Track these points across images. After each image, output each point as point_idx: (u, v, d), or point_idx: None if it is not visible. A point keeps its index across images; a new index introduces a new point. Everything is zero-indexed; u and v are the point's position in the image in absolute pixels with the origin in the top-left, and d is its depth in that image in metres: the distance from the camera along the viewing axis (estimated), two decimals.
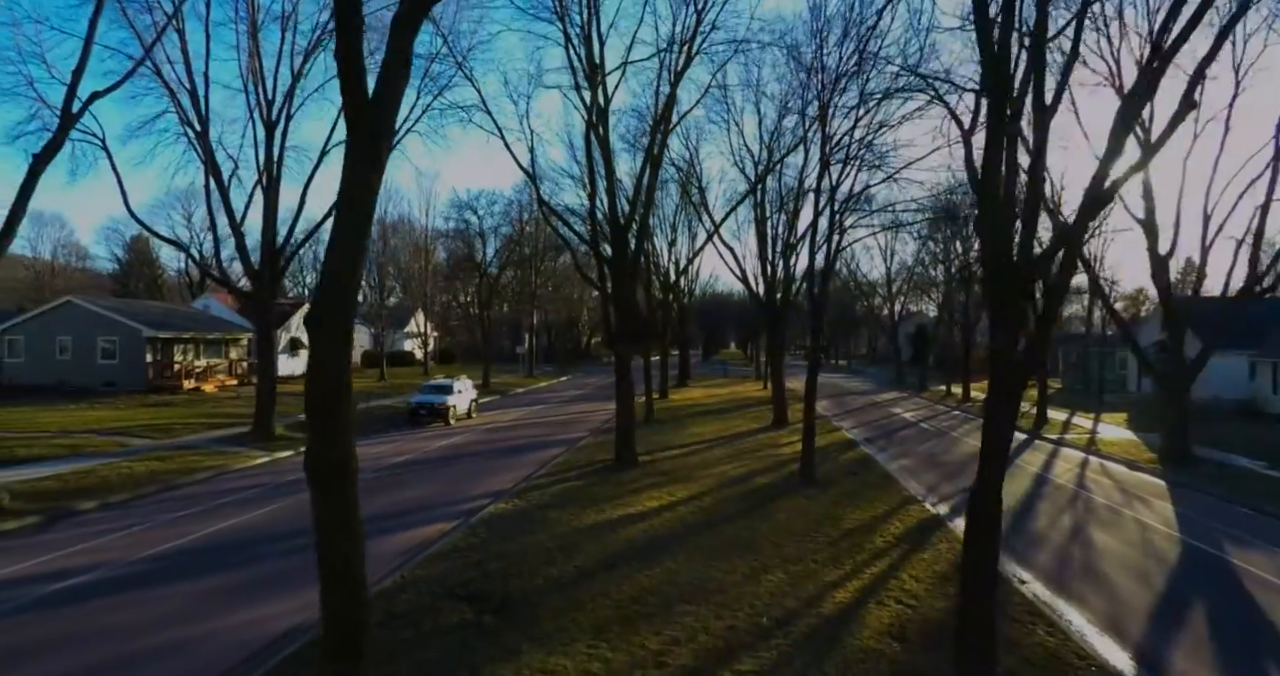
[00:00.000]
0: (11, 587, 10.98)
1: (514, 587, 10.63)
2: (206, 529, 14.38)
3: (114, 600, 10.57)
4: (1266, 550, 14.11)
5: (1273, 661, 9.36)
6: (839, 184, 18.55)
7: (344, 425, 6.07)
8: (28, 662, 8.53)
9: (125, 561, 12.30)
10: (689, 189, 35.55)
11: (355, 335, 31.16)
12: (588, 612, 9.74)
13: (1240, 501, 18.18)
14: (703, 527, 14.34)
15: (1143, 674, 8.75)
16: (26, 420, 26.66)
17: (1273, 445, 25.67)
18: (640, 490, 17.57)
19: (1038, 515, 16.71)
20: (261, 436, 24.06)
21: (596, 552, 12.53)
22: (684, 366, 58.02)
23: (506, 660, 8.25)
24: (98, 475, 18.25)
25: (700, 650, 8.69)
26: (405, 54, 5.89)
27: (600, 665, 8.19)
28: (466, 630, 9.10)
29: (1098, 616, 10.52)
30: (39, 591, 10.83)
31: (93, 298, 39.59)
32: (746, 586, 10.90)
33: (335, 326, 5.90)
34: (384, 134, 5.95)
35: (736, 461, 22.16)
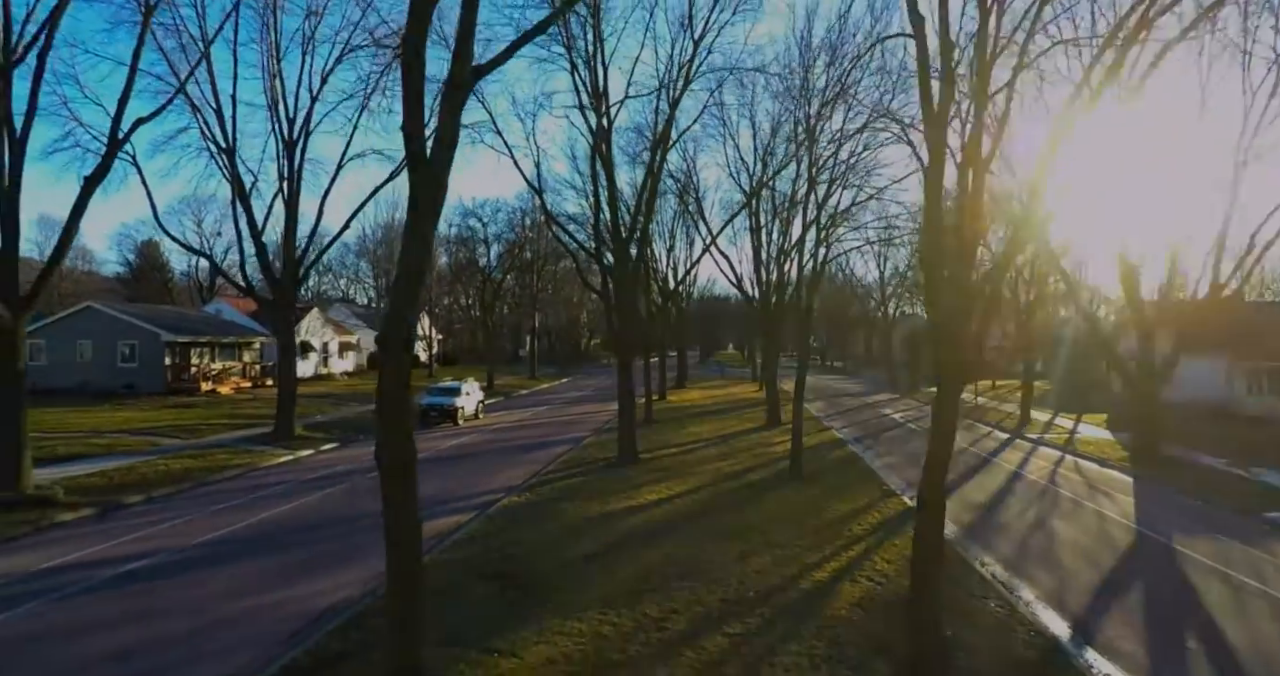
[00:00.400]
0: (84, 570, 12.40)
1: (532, 567, 12.07)
2: (247, 520, 15.79)
3: (178, 579, 11.99)
4: (1209, 537, 15.56)
5: (1191, 628, 10.80)
6: (824, 202, 19.98)
7: (406, 425, 7.53)
8: (116, 630, 9.94)
9: (180, 547, 13.71)
10: (686, 199, 37.00)
11: (359, 338, 33.24)
12: (597, 587, 11.19)
13: (1196, 495, 19.63)
14: (698, 517, 15.79)
15: (1075, 638, 10.18)
16: (58, 421, 28.02)
17: (1236, 444, 27.10)
18: (641, 484, 19.02)
19: (1006, 507, 18.17)
20: (283, 436, 25.47)
21: (603, 539, 13.97)
22: (682, 368, 59.48)
23: (530, 624, 9.69)
24: (138, 472, 19.66)
25: (695, 617, 10.13)
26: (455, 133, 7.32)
27: (610, 628, 9.63)
28: (494, 601, 10.53)
29: (1045, 592, 11.97)
30: (109, 572, 12.25)
31: (112, 303, 40.98)
32: (736, 566, 12.35)
33: (398, 349, 7.35)
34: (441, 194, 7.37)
35: (731, 459, 23.62)
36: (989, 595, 11.55)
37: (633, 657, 8.81)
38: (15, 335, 16.24)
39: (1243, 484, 21.00)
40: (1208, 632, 10.59)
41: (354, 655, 8.79)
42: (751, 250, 34.12)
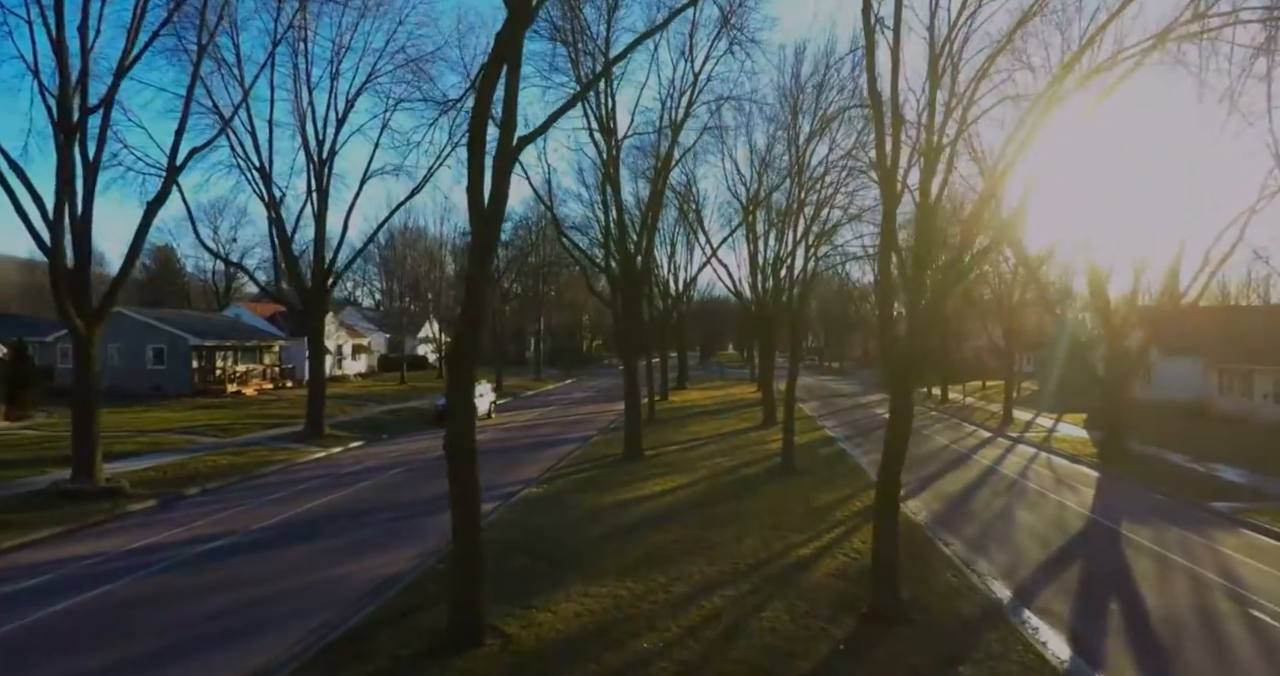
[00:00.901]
0: (166, 550, 14.35)
1: (556, 546, 14.03)
2: (296, 510, 17.74)
3: (250, 557, 13.94)
4: (1154, 524, 17.52)
5: (1115, 594, 12.74)
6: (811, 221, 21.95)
7: (471, 424, 9.48)
8: (215, 594, 11.87)
9: (244, 531, 15.68)
10: (686, 209, 38.91)
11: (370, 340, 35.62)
12: (612, 561, 13.15)
13: (1153, 488, 21.58)
14: (699, 506, 17.76)
15: (1015, 602, 12.13)
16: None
17: (1205, 442, 29.05)
18: (647, 478, 21.00)
19: (976, 498, 20.14)
20: (314, 434, 27.43)
21: (615, 523, 15.95)
22: (682, 370, 61.46)
23: (559, 589, 11.64)
24: (189, 467, 21.61)
25: (697, 583, 12.09)
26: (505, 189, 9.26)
27: (625, 591, 11.59)
28: (527, 572, 12.49)
29: (997, 567, 13.93)
30: (190, 552, 14.20)
31: (139, 309, 42.92)
32: (732, 545, 14.31)
33: (465, 365, 9.32)
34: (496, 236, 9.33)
35: (728, 455, 25.59)
36: (948, 568, 13.51)
37: (645, 612, 10.77)
38: (91, 344, 18.21)
39: (1198, 477, 22.94)
40: (1128, 598, 12.54)
41: (418, 610, 10.75)
42: (748, 258, 36.03)
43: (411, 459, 24.61)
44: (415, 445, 27.65)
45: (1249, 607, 12.09)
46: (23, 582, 12.30)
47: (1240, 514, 18.44)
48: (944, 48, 10.90)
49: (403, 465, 23.58)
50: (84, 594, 11.76)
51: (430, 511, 17.36)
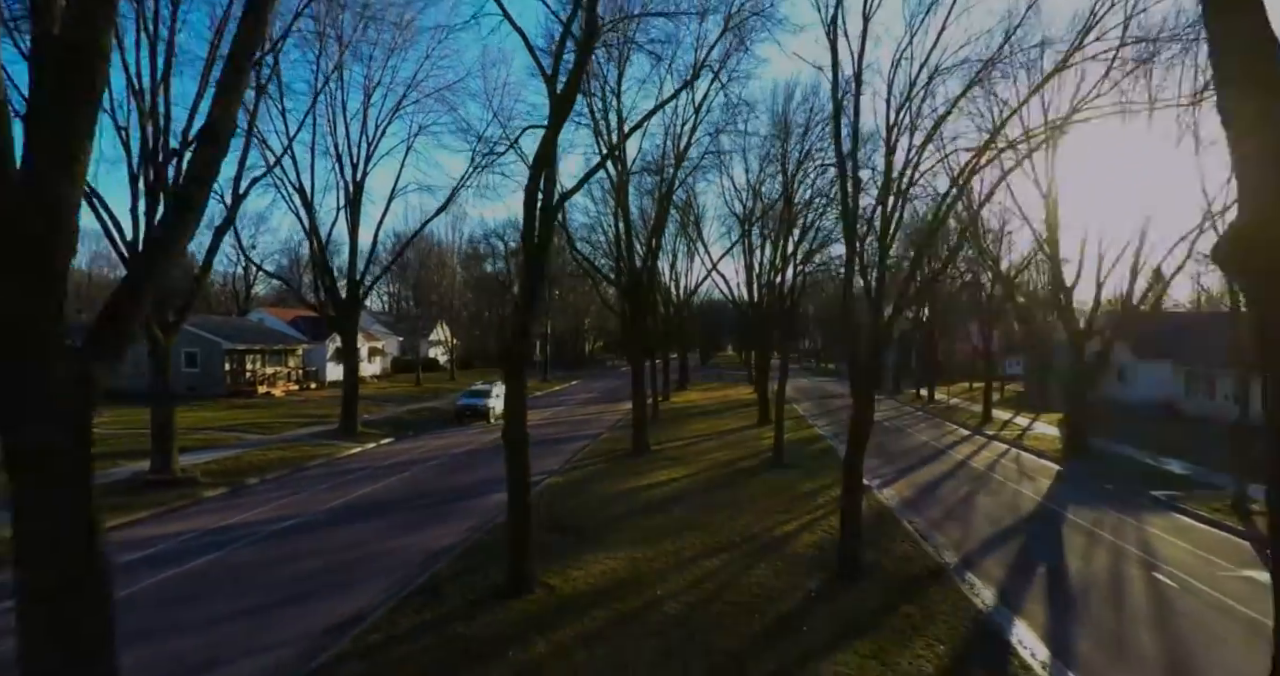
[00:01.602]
0: (246, 528, 16.95)
1: (580, 524, 16.68)
2: (349, 496, 20.36)
3: (319, 533, 16.55)
4: (1096, 508, 20.14)
5: (1045, 562, 15.36)
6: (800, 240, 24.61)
7: (522, 416, 12.12)
8: (297, 561, 14.48)
9: (310, 513, 18.31)
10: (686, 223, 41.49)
11: (384, 343, 38.91)
12: (628, 535, 15.80)
13: (1104, 479, 24.21)
14: (699, 492, 20.42)
15: (959, 566, 14.76)
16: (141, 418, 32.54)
17: (1163, 439, 31.63)
18: (653, 469, 23.66)
19: (943, 487, 22.77)
20: (348, 431, 30.06)
21: (629, 506, 18.60)
22: (683, 372, 64.11)
23: (587, 554, 14.28)
24: (245, 460, 24.25)
25: (697, 550, 14.73)
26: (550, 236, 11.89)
27: (640, 556, 14.24)
28: (559, 543, 15.10)
29: (950, 540, 16.56)
30: (267, 529, 16.81)
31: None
32: (727, 523, 16.95)
33: (519, 365, 11.97)
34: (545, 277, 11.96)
35: (725, 450, 28.25)
36: (906, 540, 16.16)
37: (656, 570, 13.42)
38: (168, 354, 20.85)
39: (1147, 470, 25.58)
40: (1055, 564, 15.18)
41: (473, 571, 13.37)
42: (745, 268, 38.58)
43: (440, 454, 27.24)
44: (440, 442, 30.28)
45: (1154, 572, 14.75)
46: (139, 553, 14.92)
47: (1174, 500, 21.09)
48: (898, 117, 13.55)
49: (434, 459, 26.20)
50: (195, 560, 14.40)
51: (466, 497, 20.05)
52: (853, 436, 13.76)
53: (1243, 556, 15.96)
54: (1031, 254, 33.70)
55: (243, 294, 68.86)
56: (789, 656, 10.07)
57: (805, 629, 11.04)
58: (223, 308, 66.80)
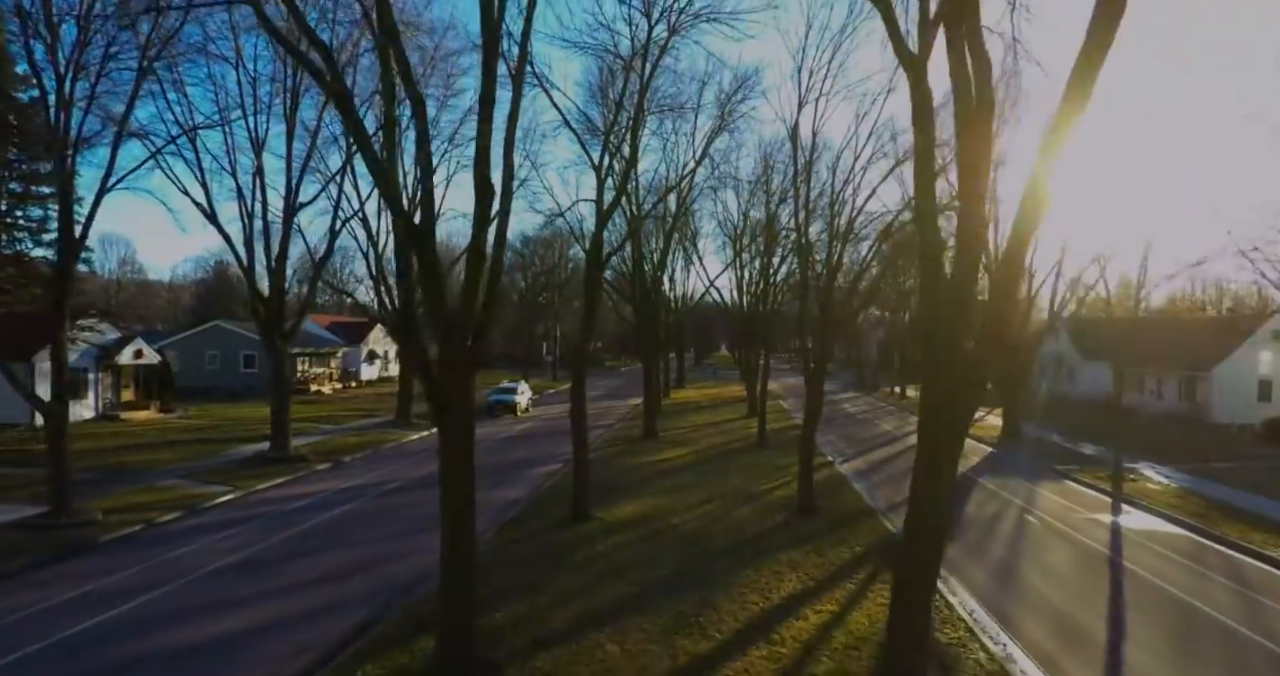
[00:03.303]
0: (362, 489, 22.75)
1: (611, 484, 22.59)
2: (427, 469, 26.09)
3: (420, 492, 22.29)
4: (1005, 477, 26.11)
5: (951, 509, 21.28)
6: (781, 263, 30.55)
7: (583, 402, 18.00)
8: (410, 509, 20.28)
9: (404, 479, 24.15)
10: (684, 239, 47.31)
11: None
12: (649, 490, 21.74)
13: (1023, 458, 30.20)
14: (699, 465, 26.37)
15: (885, 510, 20.65)
16: (226, 413, 38.37)
17: (1088, 427, 37.62)
18: (661, 449, 29.61)
19: (891, 464, 28.71)
20: (404, 422, 35.88)
21: (646, 473, 24.54)
22: (680, 372, 70.05)
23: (619, 502, 20.19)
24: (331, 444, 30.05)
25: (699, 499, 20.68)
26: (597, 298, 17.70)
27: (658, 502, 20.18)
28: (601, 496, 20.98)
29: (884, 496, 22.47)
30: (378, 490, 22.63)
31: (234, 322, 51.20)
32: (720, 484, 22.90)
33: (582, 368, 17.85)
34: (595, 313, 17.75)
35: (719, 436, 34.21)
36: (851, 494, 22.13)
37: (671, 509, 19.36)
38: (284, 358, 26.69)
39: (1062, 450, 31.64)
40: (957, 509, 21.09)
41: (544, 511, 19.25)
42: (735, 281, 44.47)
43: (484, 440, 32.93)
44: (480, 431, 35.99)
45: (1026, 515, 20.74)
46: (300, 502, 20.75)
47: (1071, 472, 27.09)
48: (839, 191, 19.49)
49: (481, 443, 31.96)
50: (342, 507, 20.25)
51: (517, 469, 25.90)
52: (807, 415, 19.74)
53: (1098, 507, 21.99)
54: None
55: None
56: (759, 550, 16.01)
57: (772, 539, 17.00)
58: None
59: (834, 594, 13.54)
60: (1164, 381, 43.81)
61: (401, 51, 9.44)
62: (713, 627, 11.77)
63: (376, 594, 13.65)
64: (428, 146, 10.10)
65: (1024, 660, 11.12)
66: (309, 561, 15.56)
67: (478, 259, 10.26)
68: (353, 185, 34.06)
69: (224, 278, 74.43)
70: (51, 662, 10.61)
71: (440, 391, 9.92)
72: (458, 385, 10.08)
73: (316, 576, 14.64)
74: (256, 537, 17.22)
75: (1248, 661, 11.42)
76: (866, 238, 24.23)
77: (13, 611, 12.47)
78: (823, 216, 21.98)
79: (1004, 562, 16.39)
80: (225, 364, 48.09)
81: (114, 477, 22.59)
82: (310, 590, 13.89)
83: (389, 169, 10.58)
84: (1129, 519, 20.66)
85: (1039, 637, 12.09)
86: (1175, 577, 15.36)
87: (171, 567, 15.04)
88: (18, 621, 12.09)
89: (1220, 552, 17.39)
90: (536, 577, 14.15)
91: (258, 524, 18.47)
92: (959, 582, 14.65)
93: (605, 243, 17.91)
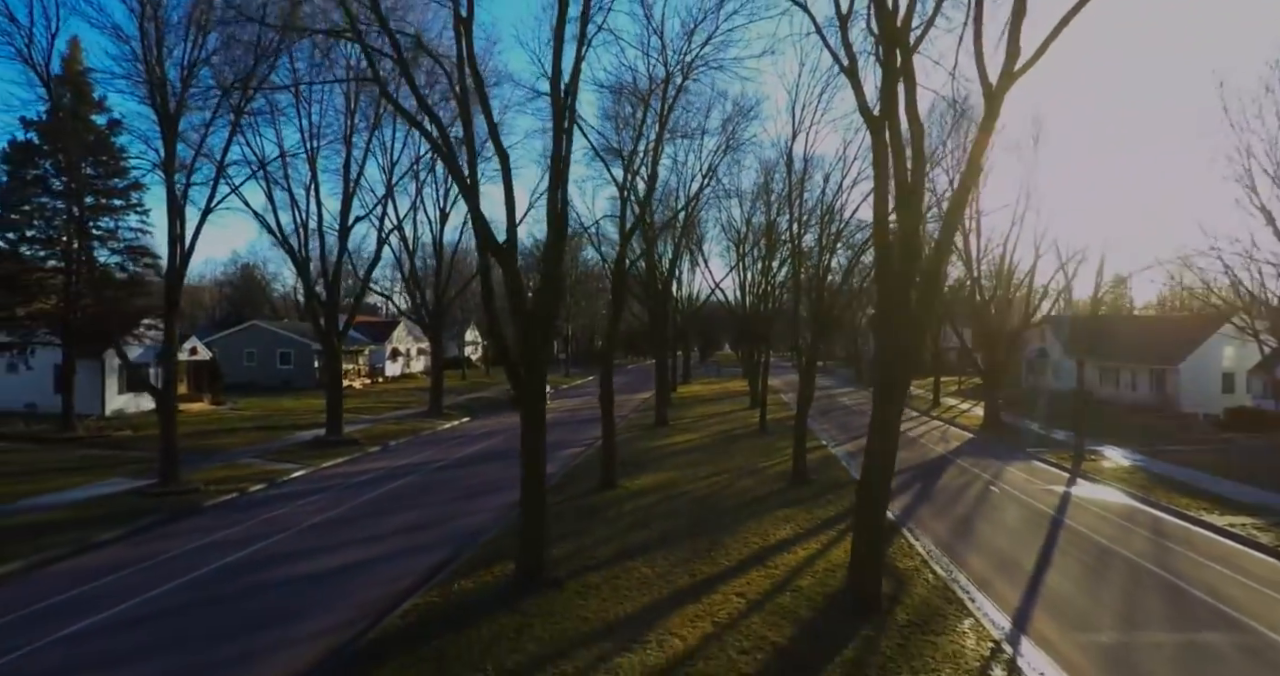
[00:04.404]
0: (413, 467, 26.06)
1: (632, 461, 25.88)
2: (465, 451, 29.52)
3: (466, 468, 25.70)
4: (981, 458, 29.31)
5: (925, 482, 24.51)
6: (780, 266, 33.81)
7: (610, 390, 21.26)
8: (463, 481, 23.63)
9: (449, 459, 27.47)
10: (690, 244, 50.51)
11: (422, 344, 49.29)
12: (665, 466, 25.04)
13: (1000, 442, 33.41)
14: (707, 447, 29.66)
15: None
16: (270, 405, 41.71)
17: (1063, 417, 40.68)
18: (672, 434, 32.92)
19: None
20: (436, 412, 39.21)
21: (661, 453, 27.85)
22: (686, 368, 73.33)
23: (641, 474, 23.49)
24: (377, 431, 33.38)
25: (709, 473, 23.97)
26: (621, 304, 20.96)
27: (673, 474, 23.47)
28: (625, 470, 24.31)
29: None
30: (429, 467, 25.95)
31: (271, 321, 54.62)
32: (726, 461, 26.19)
33: (609, 362, 21.10)
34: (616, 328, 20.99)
35: (724, 424, 37.49)
36: (840, 469, 25.38)
37: (684, 479, 22.67)
38: (339, 354, 30.03)
39: (1036, 436, 34.83)
40: (932, 482, 24.38)
41: (575, 482, 22.56)
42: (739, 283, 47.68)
43: (511, 428, 36.18)
44: (506, 421, 39.39)
45: (991, 486, 23.98)
46: (364, 477, 24.06)
47: (1040, 454, 30.29)
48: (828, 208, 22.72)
49: (507, 431, 35.26)
50: (402, 479, 23.58)
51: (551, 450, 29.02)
52: (800, 400, 23.01)
53: (1056, 480, 25.19)
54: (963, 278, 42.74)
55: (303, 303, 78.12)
56: (759, 509, 19.29)
57: (770, 501, 20.28)
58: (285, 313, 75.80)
59: (819, 538, 16.82)
60: (1137, 374, 46.95)
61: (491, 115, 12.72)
62: (722, 558, 15.06)
63: (448, 540, 16.92)
64: (512, 193, 13.29)
65: (964, 581, 14.35)
66: (386, 519, 18.86)
67: (553, 276, 13.51)
68: (393, 204, 37.62)
69: (250, 279, 77.94)
70: (223, 580, 13.96)
71: (521, 377, 13.11)
72: (534, 372, 13.28)
73: (395, 529, 17.94)
74: (336, 502, 20.56)
75: (1140, 582, 14.64)
76: (855, 245, 27.53)
77: (165, 552, 15.80)
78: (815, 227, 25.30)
79: (963, 519, 19.63)
80: (262, 360, 51.49)
81: (197, 457, 25.94)
82: (394, 538, 17.18)
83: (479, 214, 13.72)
84: (1080, 489, 23.87)
85: (979, 567, 15.34)
86: (1104, 530, 18.58)
87: (274, 524, 18.37)
88: (175, 557, 15.44)
89: (1149, 513, 20.62)
90: (579, 527, 17.46)
91: (333, 493, 21.80)
92: (922, 532, 17.93)
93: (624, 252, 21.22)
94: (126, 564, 14.98)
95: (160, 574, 14.30)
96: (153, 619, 12.12)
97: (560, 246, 13.21)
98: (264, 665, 10.35)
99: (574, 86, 13.70)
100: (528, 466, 13.53)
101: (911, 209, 12.12)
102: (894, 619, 11.94)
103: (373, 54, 12.97)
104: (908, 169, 12.47)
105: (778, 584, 13.56)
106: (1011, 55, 10.34)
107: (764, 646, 10.73)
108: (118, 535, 17.00)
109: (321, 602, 12.87)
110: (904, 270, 12.26)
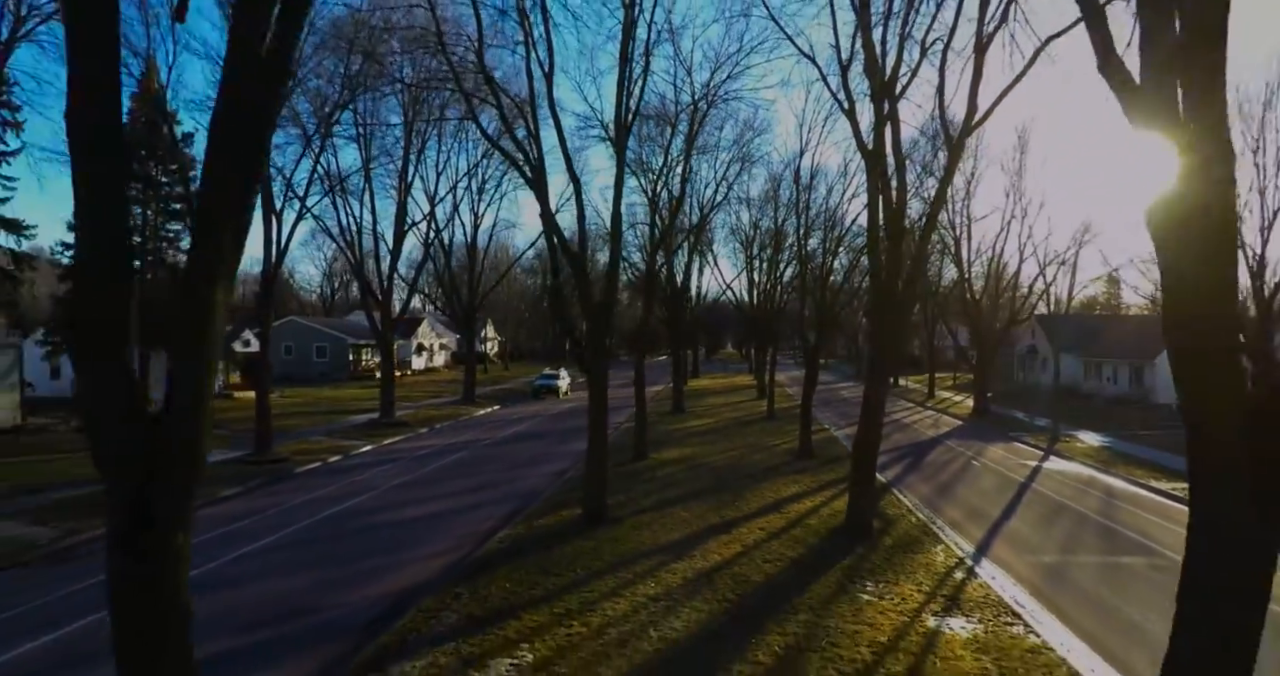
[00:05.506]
0: (463, 445, 29.45)
1: (656, 440, 29.30)
2: (503, 433, 32.92)
3: (510, 446, 29.09)
4: (967, 441, 32.71)
5: (914, 458, 27.89)
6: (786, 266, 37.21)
7: (642, 377, 24.64)
8: (508, 456, 27.03)
9: (493, 439, 30.88)
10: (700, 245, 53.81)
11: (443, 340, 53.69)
12: (685, 444, 28.46)
13: (986, 427, 36.79)
14: (720, 430, 33.08)
15: None
16: (314, 395, 45.12)
17: (1047, 407, 44.09)
18: (688, 420, 36.36)
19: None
20: (469, 401, 42.62)
21: (681, 435, 31.28)
22: (695, 363, 76.76)
23: (666, 448, 26.90)
24: (421, 415, 36.80)
25: (724, 450, 27.38)
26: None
27: (694, 450, 26.90)
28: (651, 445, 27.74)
29: None
30: (476, 445, 29.34)
31: (306, 317, 58.05)
32: (739, 442, 29.61)
33: (642, 353, 24.47)
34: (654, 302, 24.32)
35: (735, 412, 40.92)
36: (840, 447, 28.74)
37: (703, 454, 26.09)
38: (390, 346, 33.45)
39: (1019, 423, 38.22)
40: (920, 458, 27.77)
41: (611, 455, 25.92)
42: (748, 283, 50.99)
43: (539, 414, 39.81)
44: (532, 408, 42.88)
45: (974, 461, 27.38)
46: (419, 453, 27.47)
47: (1021, 437, 33.68)
48: (832, 214, 26.11)
49: (537, 416, 38.76)
50: (454, 455, 26.97)
51: (574, 434, 32.35)
52: (806, 384, 26.44)
53: (1031, 457, 28.59)
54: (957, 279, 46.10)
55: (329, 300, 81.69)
56: (770, 475, 22.69)
57: (780, 470, 23.69)
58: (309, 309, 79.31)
59: (822, 494, 20.26)
60: (1118, 369, 50.28)
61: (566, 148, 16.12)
62: (744, 506, 18.49)
63: (513, 497, 20.27)
64: (583, 222, 16.65)
65: (940, 522, 17.76)
66: (455, 482, 22.26)
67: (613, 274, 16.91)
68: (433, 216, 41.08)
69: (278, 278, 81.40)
70: (341, 521, 17.38)
71: (588, 359, 16.51)
72: (597, 355, 16.68)
73: (465, 489, 21.33)
74: (407, 470, 23.97)
75: (1085, 527, 18.03)
76: (855, 248, 30.91)
77: (276, 506, 19.16)
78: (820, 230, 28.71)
79: (945, 484, 23.05)
80: (299, 354, 54.92)
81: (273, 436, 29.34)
82: (466, 496, 20.56)
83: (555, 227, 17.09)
84: (1050, 463, 27.26)
85: (954, 515, 18.74)
86: (1064, 492, 21.97)
87: (360, 485, 21.77)
88: (287, 510, 18.79)
89: (1105, 481, 24.01)
90: (624, 486, 20.86)
91: (402, 463, 25.21)
92: (909, 492, 21.35)
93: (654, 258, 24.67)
94: (255, 512, 18.36)
95: (288, 517, 17.69)
96: (301, 543, 15.53)
97: (618, 248, 16.59)
98: (404, 571, 13.74)
99: (628, 126, 17.20)
100: (594, 427, 16.92)
101: (896, 225, 15.51)
102: (882, 543, 15.36)
103: (472, 100, 16.37)
104: (893, 190, 15.86)
105: (790, 522, 16.98)
106: (970, 112, 13.71)
107: (782, 559, 14.15)
108: (236, 492, 20.41)
109: (426, 537, 16.25)
110: (890, 274, 15.66)
